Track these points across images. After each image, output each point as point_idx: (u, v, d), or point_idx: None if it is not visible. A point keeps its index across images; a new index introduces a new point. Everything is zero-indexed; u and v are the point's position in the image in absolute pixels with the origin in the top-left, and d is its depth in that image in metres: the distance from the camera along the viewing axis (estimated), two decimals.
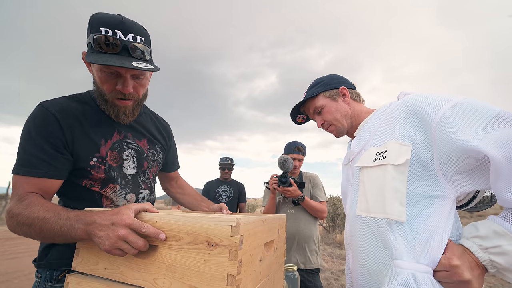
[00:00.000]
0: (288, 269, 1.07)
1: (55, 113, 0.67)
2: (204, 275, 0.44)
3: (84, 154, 0.70)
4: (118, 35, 0.63)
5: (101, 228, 0.50)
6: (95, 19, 0.65)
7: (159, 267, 0.49)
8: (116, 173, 0.75)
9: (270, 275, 0.63)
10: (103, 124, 0.75)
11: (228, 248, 0.43)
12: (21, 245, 4.97)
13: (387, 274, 0.57)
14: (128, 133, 0.80)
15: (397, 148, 0.60)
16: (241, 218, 0.46)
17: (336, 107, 0.84)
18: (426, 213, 0.56)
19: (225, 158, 2.76)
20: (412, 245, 0.55)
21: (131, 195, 0.79)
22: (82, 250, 0.59)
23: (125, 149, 0.78)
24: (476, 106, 0.53)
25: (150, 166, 0.85)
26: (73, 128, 0.69)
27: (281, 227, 0.75)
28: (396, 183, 0.59)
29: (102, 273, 0.54)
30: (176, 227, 0.49)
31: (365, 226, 0.65)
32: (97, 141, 0.72)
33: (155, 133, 0.90)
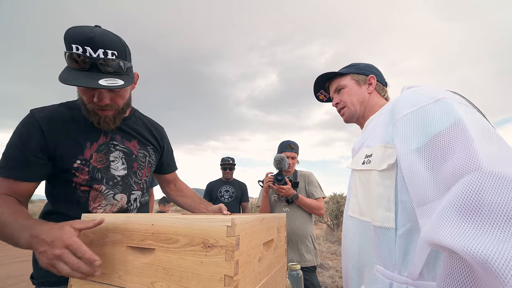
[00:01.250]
0: (291, 267, 1.06)
1: (39, 119, 0.70)
2: (201, 277, 0.44)
3: (68, 157, 0.72)
4: (88, 52, 0.63)
5: (41, 244, 0.52)
6: (67, 34, 0.64)
7: (156, 270, 0.48)
8: (100, 174, 0.76)
9: (272, 275, 0.62)
10: (90, 128, 0.76)
11: (225, 249, 0.43)
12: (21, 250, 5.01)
13: (368, 275, 0.58)
14: (116, 135, 0.82)
15: (381, 152, 0.58)
16: (237, 218, 0.45)
17: (356, 91, 0.82)
18: (413, 221, 0.51)
19: (226, 158, 2.76)
20: (395, 254, 0.53)
21: (121, 195, 0.80)
22: None
23: (112, 151, 0.79)
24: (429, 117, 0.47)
25: (141, 167, 0.86)
26: (57, 133, 0.71)
27: (280, 226, 0.75)
28: (380, 189, 0.56)
29: (101, 278, 0.54)
30: (172, 229, 0.48)
31: (357, 227, 0.65)
32: (82, 144, 0.74)
33: (146, 134, 0.91)
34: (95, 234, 0.58)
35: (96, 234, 0.58)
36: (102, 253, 0.55)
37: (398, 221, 0.53)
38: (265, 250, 0.60)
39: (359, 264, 0.63)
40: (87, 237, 0.59)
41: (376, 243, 0.57)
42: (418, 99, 0.52)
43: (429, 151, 0.45)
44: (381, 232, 0.55)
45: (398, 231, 0.53)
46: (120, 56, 0.69)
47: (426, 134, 0.46)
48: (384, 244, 0.55)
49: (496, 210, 0.31)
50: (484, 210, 0.32)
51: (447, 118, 0.45)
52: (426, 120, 0.48)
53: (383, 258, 0.55)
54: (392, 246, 0.53)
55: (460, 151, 0.39)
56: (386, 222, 0.55)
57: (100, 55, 0.64)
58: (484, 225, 0.31)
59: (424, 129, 0.47)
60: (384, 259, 0.55)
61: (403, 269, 0.51)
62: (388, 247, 0.54)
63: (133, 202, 0.83)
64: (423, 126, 0.47)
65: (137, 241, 0.52)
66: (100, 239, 0.57)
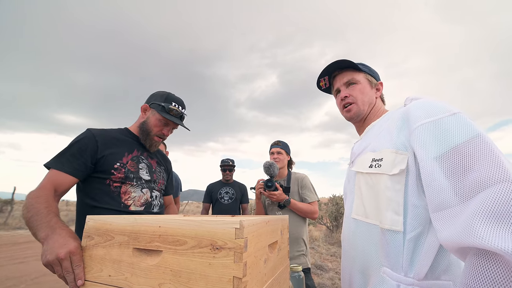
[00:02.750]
0: (293, 269, 1.07)
1: (95, 133, 1.01)
2: (210, 279, 0.44)
3: (111, 159, 1.00)
4: (179, 108, 1.13)
5: (54, 242, 0.63)
6: (170, 96, 1.13)
7: (164, 272, 0.48)
8: (132, 175, 1.03)
9: (276, 276, 0.63)
10: (128, 144, 1.09)
11: (233, 251, 0.43)
12: (27, 249, 4.99)
13: (375, 277, 0.58)
14: (144, 153, 1.14)
15: (392, 157, 0.59)
16: (245, 220, 0.45)
17: (368, 91, 0.83)
18: (424, 225, 0.54)
19: (226, 159, 2.76)
20: (403, 256, 0.54)
21: (147, 190, 1.06)
22: (85, 258, 0.59)
23: (140, 162, 1.09)
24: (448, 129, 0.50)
25: (158, 178, 1.16)
26: (105, 144, 1.01)
27: (283, 228, 0.75)
28: (390, 193, 0.57)
29: (107, 280, 0.54)
30: (180, 231, 0.49)
31: (361, 230, 0.66)
32: (121, 153, 1.04)
33: (161, 159, 1.25)
34: (100, 236, 0.58)
35: (101, 236, 0.58)
36: (108, 255, 0.55)
37: (407, 224, 0.55)
38: (270, 251, 0.61)
39: (364, 266, 0.63)
40: (92, 239, 0.59)
41: (383, 246, 0.58)
42: (434, 111, 0.54)
43: (448, 160, 0.47)
44: (390, 235, 0.56)
45: (408, 234, 0.54)
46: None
47: (446, 144, 0.48)
48: (392, 247, 0.56)
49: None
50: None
51: (467, 131, 0.47)
52: (444, 131, 0.50)
53: (391, 260, 0.56)
54: (400, 248, 0.55)
55: (486, 162, 0.42)
56: (395, 226, 0.56)
57: (183, 112, 1.16)
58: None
59: (443, 139, 0.49)
60: (392, 261, 0.55)
61: (409, 271, 0.53)
62: (396, 249, 0.55)
63: (155, 198, 1.09)
64: (442, 136, 0.50)
65: (144, 243, 0.52)
66: (106, 241, 0.57)
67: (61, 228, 0.69)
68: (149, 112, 1.12)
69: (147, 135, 1.10)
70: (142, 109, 1.14)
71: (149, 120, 1.10)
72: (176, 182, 2.57)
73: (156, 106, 1.10)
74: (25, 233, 7.35)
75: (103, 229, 0.58)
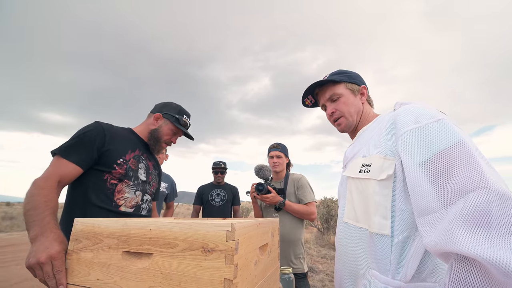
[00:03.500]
0: (283, 271, 1.08)
1: (104, 126, 1.02)
2: (201, 281, 0.44)
3: (116, 154, 1.01)
4: (188, 120, 1.26)
5: (39, 245, 0.63)
6: (182, 109, 1.25)
7: (155, 275, 0.48)
8: (132, 173, 1.05)
9: (266, 278, 0.64)
10: (132, 143, 1.13)
11: (224, 253, 0.44)
12: (7, 253, 4.75)
13: (364, 279, 0.60)
14: (145, 154, 1.18)
15: (380, 162, 0.61)
16: (236, 222, 0.46)
17: (353, 101, 0.82)
18: (410, 229, 0.55)
19: (218, 162, 2.75)
20: (390, 260, 0.56)
21: (139, 193, 1.07)
22: (72, 262, 0.58)
23: (140, 162, 1.12)
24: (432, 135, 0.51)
25: (153, 180, 1.20)
26: (112, 138, 1.02)
27: (274, 231, 0.76)
28: (378, 198, 0.59)
29: (95, 284, 0.53)
30: (171, 234, 0.49)
31: (352, 233, 0.67)
32: (125, 149, 1.07)
33: (156, 163, 1.28)
34: (89, 239, 0.57)
35: (90, 239, 0.57)
36: (97, 259, 0.55)
37: (395, 228, 0.56)
38: (260, 253, 0.61)
39: (354, 268, 0.65)
40: (80, 242, 0.58)
41: (372, 249, 0.59)
42: (419, 117, 0.55)
43: (432, 166, 0.48)
44: (378, 239, 0.58)
45: (395, 238, 0.56)
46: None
47: (430, 150, 0.50)
48: (380, 250, 0.57)
49: (504, 225, 0.36)
50: (493, 224, 0.36)
51: (450, 138, 0.49)
52: (428, 137, 0.51)
53: (379, 263, 0.57)
54: (388, 252, 0.56)
55: (466, 169, 0.43)
56: (383, 229, 0.57)
57: (189, 122, 1.28)
58: (495, 237, 0.35)
59: (427, 145, 0.50)
60: (380, 264, 0.57)
61: (396, 273, 0.54)
62: (384, 253, 0.57)
63: (145, 201, 1.11)
64: (426, 142, 0.51)
65: (134, 246, 0.52)
66: (94, 244, 0.56)
67: (51, 230, 0.68)
68: (162, 121, 1.21)
69: (157, 141, 1.19)
70: (155, 118, 1.21)
71: (162, 129, 1.20)
72: (172, 186, 2.53)
73: (170, 117, 1.20)
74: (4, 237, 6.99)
75: (91, 232, 0.57)
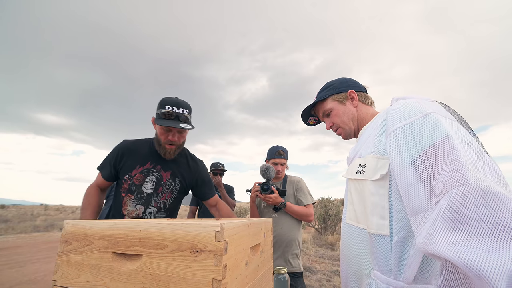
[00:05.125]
0: (278, 271, 1.08)
1: (122, 146, 1.20)
2: (190, 282, 0.44)
3: (124, 171, 1.17)
4: (174, 109, 1.11)
5: None
6: (163, 100, 1.14)
7: (144, 276, 0.48)
8: (135, 188, 1.15)
9: (258, 278, 0.64)
10: (143, 157, 1.20)
11: (213, 254, 0.44)
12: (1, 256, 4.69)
13: (366, 280, 0.60)
14: (157, 165, 1.20)
15: (374, 162, 0.60)
16: (225, 223, 0.46)
17: (343, 110, 0.84)
18: (408, 228, 0.53)
19: (217, 163, 2.76)
20: (391, 260, 0.55)
21: (141, 206, 1.16)
22: (62, 264, 0.57)
23: (149, 175, 1.18)
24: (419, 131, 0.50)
25: (164, 191, 1.21)
26: (124, 157, 1.18)
27: (267, 231, 0.76)
28: (375, 198, 0.58)
29: (84, 286, 0.53)
30: (161, 235, 0.49)
31: (354, 234, 0.67)
32: (134, 166, 1.17)
33: (182, 169, 1.27)
34: (79, 241, 0.57)
35: (80, 241, 0.57)
36: (86, 261, 0.54)
37: (393, 228, 0.55)
38: (252, 254, 0.62)
39: (358, 269, 0.64)
40: (69, 244, 0.58)
41: (372, 250, 0.59)
42: (407, 113, 0.55)
43: (421, 163, 0.47)
44: (377, 239, 0.57)
45: (394, 238, 0.55)
46: (189, 112, 1.17)
47: (418, 148, 0.49)
48: (380, 251, 0.57)
49: (482, 223, 0.35)
50: (472, 223, 0.35)
51: (436, 133, 0.48)
52: (416, 134, 0.50)
53: (380, 264, 0.57)
54: (388, 252, 0.55)
55: (449, 165, 0.42)
56: (381, 230, 0.57)
57: (181, 111, 1.13)
58: (473, 237, 0.34)
59: (415, 142, 0.50)
60: (381, 265, 0.56)
61: (398, 274, 0.53)
62: (384, 253, 0.56)
63: (148, 214, 1.16)
64: (414, 139, 0.50)
65: (123, 248, 0.52)
66: (84, 246, 0.56)
67: None
68: (155, 124, 1.20)
69: (159, 146, 1.19)
70: (152, 123, 1.21)
71: (157, 131, 1.20)
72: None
73: (156, 115, 1.16)
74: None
75: (81, 233, 0.57)
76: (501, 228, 0.33)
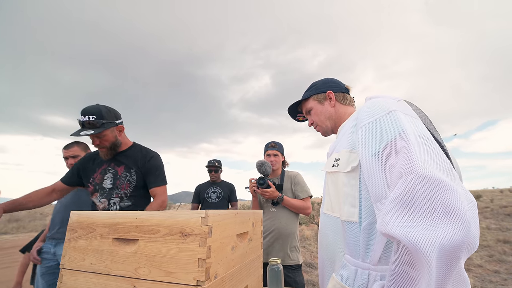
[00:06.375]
0: (272, 262, 1.14)
1: (83, 158, 1.48)
2: (179, 261, 0.51)
3: (88, 176, 1.41)
4: (81, 118, 1.25)
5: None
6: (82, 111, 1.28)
7: (140, 257, 0.55)
8: (97, 186, 1.38)
9: (245, 263, 0.70)
10: (100, 161, 1.43)
11: (199, 236, 0.50)
12: (13, 254, 4.91)
13: (338, 264, 0.65)
14: (111, 163, 1.41)
15: (346, 156, 0.66)
16: (211, 211, 0.52)
17: (321, 110, 0.92)
18: (374, 215, 0.59)
19: (212, 160, 2.82)
20: (360, 244, 0.61)
21: (104, 199, 1.36)
22: (69, 250, 0.64)
23: (106, 173, 1.39)
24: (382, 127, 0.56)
25: (121, 183, 1.38)
26: (84, 164, 1.44)
27: (256, 221, 0.82)
28: (347, 188, 0.64)
29: (89, 268, 0.60)
30: (155, 221, 0.55)
31: (329, 223, 0.73)
32: (94, 169, 1.41)
33: (134, 162, 1.42)
34: (83, 229, 0.64)
35: (84, 229, 0.63)
36: (90, 246, 0.61)
37: (362, 215, 0.61)
38: (239, 240, 0.68)
39: (332, 254, 0.70)
40: (75, 232, 0.65)
41: (344, 236, 0.65)
42: (374, 111, 0.61)
43: (383, 156, 0.54)
44: (348, 226, 0.63)
45: (362, 224, 0.61)
46: (98, 117, 1.26)
47: (381, 142, 0.55)
48: (350, 236, 0.63)
49: (424, 205, 0.39)
50: (416, 205, 0.40)
51: (395, 128, 0.54)
52: (379, 129, 0.57)
53: (350, 248, 0.62)
54: (357, 237, 0.61)
55: (402, 156, 0.48)
56: (351, 217, 0.63)
57: (86, 119, 1.25)
58: (416, 217, 0.40)
59: (379, 137, 0.56)
60: (351, 249, 0.62)
61: (366, 257, 0.59)
62: (353, 238, 0.62)
63: (112, 204, 1.35)
64: (378, 134, 0.57)
65: (122, 233, 0.58)
66: (88, 233, 0.63)
67: None
68: None
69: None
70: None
71: None
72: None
73: None
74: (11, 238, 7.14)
75: (86, 222, 0.64)
76: (439, 209, 0.38)
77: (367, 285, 0.56)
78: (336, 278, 0.62)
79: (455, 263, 0.38)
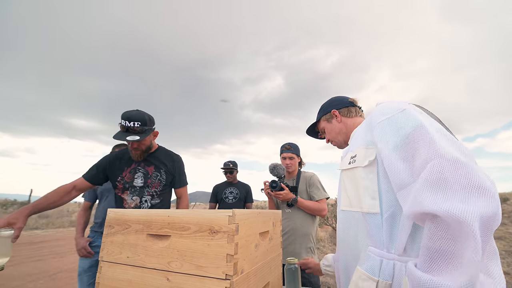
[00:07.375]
0: (289, 261, 1.16)
1: (111, 155, 1.52)
2: (208, 256, 0.55)
3: (116, 175, 1.45)
4: (125, 123, 1.32)
5: None
6: (122, 114, 1.35)
7: (172, 252, 0.59)
8: (128, 185, 1.44)
9: (267, 261, 0.73)
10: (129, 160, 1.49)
11: (227, 234, 0.54)
12: (43, 248, 5.28)
13: (363, 256, 0.67)
14: (141, 163, 1.49)
15: (363, 152, 0.71)
16: (238, 210, 0.56)
17: (331, 128, 1.02)
18: (395, 206, 0.62)
19: (227, 162, 2.87)
20: (383, 234, 0.62)
21: (136, 197, 1.43)
22: (107, 244, 0.71)
23: (136, 172, 1.47)
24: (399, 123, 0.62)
25: (153, 182, 1.48)
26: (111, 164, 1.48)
27: (276, 221, 0.85)
28: (366, 182, 0.68)
29: (125, 261, 0.66)
30: (185, 219, 0.60)
31: (349, 218, 0.75)
32: (122, 169, 1.47)
33: (163, 162, 1.54)
34: (120, 225, 0.70)
35: (120, 225, 0.70)
36: (126, 241, 0.67)
37: (383, 207, 0.64)
38: (261, 239, 0.71)
39: (355, 248, 0.72)
40: (112, 228, 0.71)
41: (366, 227, 0.67)
42: (388, 111, 0.67)
43: (403, 148, 0.58)
44: (370, 217, 0.66)
45: (384, 215, 0.63)
46: (142, 124, 1.35)
47: (399, 135, 0.60)
48: (373, 227, 0.65)
49: (454, 183, 0.44)
50: (447, 184, 0.45)
51: (412, 122, 0.59)
52: (396, 125, 0.62)
53: (374, 239, 0.64)
54: (380, 228, 0.63)
55: (425, 145, 0.53)
56: (372, 208, 0.65)
57: (132, 125, 1.32)
58: (449, 194, 0.44)
59: (397, 131, 0.61)
60: (374, 240, 0.64)
61: (390, 247, 0.61)
62: (376, 229, 0.64)
63: (144, 202, 1.43)
64: (395, 129, 0.62)
65: (155, 230, 0.63)
66: (124, 229, 0.69)
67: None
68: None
69: (130, 151, 1.49)
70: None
71: None
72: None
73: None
74: (41, 233, 7.68)
75: (122, 219, 0.70)
76: (470, 186, 0.43)
77: (393, 276, 0.58)
78: (361, 269, 0.63)
79: (490, 234, 0.42)
